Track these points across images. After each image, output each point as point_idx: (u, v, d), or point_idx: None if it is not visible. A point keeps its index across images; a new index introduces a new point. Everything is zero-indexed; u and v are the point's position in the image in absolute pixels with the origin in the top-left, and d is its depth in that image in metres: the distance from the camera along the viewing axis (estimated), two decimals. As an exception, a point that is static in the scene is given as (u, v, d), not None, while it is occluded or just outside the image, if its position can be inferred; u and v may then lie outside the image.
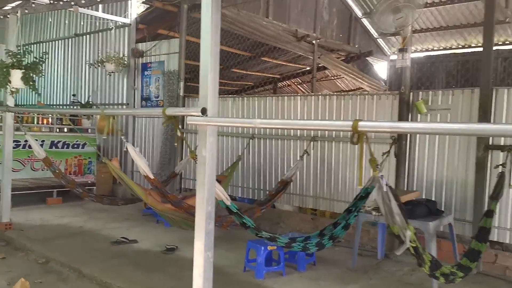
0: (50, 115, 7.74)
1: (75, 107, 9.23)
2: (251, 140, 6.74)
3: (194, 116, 3.11)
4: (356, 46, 12.30)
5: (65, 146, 7.88)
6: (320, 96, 6.40)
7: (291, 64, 12.85)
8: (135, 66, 8.75)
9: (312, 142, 6.14)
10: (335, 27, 11.58)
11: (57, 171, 6.01)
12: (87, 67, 9.55)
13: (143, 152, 8.68)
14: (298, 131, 6.39)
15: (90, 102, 8.65)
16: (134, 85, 8.79)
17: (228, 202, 3.62)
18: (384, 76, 13.67)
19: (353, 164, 5.97)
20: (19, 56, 4.89)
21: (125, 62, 8.38)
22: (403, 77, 5.61)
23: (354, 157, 5.94)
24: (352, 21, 12.11)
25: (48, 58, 10.46)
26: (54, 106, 10.24)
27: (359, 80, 12.47)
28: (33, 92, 5.33)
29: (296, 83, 15.03)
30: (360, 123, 2.43)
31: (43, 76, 5.37)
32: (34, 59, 5.03)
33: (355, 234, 4.93)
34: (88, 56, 9.71)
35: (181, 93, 7.94)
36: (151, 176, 4.58)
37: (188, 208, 5.19)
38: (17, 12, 5.57)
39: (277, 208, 6.76)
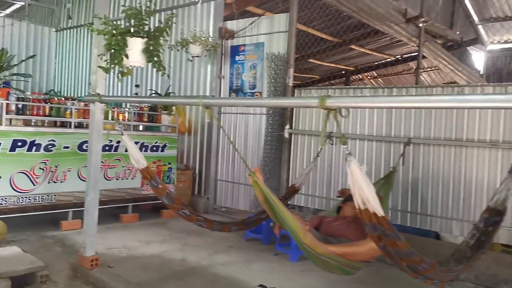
0: (128, 109, 6.06)
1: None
2: (406, 146, 4.97)
3: None
4: (458, 32, 10.46)
5: (143, 148, 6.21)
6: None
7: (376, 54, 11.08)
8: (222, 50, 7.04)
9: None
10: (440, 9, 9.75)
11: (160, 186, 4.34)
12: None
13: (230, 156, 6.99)
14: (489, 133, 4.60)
15: (172, 94, 6.99)
16: (221, 73, 7.09)
17: None
18: (479, 67, 11.82)
19: None
20: (138, 18, 3.17)
21: (217, 43, 6.66)
22: None
23: None
24: (456, 3, 10.26)
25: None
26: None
27: (458, 72, 10.61)
28: (119, 76, 3.56)
29: (369, 77, 13.26)
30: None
31: (163, 50, 3.64)
32: (159, 23, 3.34)
33: None
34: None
35: (290, 83, 6.21)
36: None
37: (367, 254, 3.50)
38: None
39: (444, 239, 5.00)
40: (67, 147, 5.50)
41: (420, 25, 8.84)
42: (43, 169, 5.30)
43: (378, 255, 3.51)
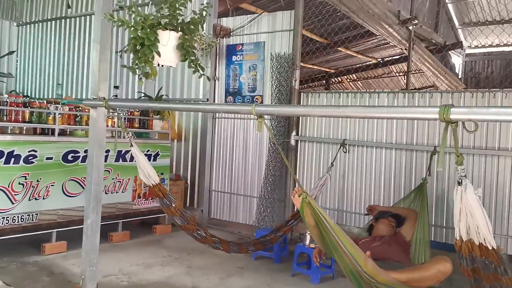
0: (116, 114, 5.36)
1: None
2: (433, 155, 4.62)
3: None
4: (441, 36, 10.40)
5: (134, 158, 5.53)
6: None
7: (360, 56, 10.83)
8: (217, 49, 6.48)
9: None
10: (427, 12, 9.63)
11: (173, 205, 3.75)
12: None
13: (227, 165, 6.44)
14: None
15: (165, 96, 6.34)
16: (215, 74, 6.52)
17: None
18: (458, 71, 11.87)
19: None
20: (173, 6, 2.58)
21: (213, 41, 6.08)
22: None
23: None
24: (440, 7, 10.19)
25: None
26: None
27: (440, 76, 10.56)
28: (142, 78, 2.97)
29: (349, 80, 13.04)
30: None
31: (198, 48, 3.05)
32: (193, 14, 2.76)
33: None
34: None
35: (297, 86, 5.75)
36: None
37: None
38: None
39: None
40: (50, 158, 4.76)
41: (411, 27, 8.65)
42: (22, 184, 4.55)
43: (444, 279, 3.12)
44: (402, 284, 3.02)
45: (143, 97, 6.49)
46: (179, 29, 2.70)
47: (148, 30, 2.51)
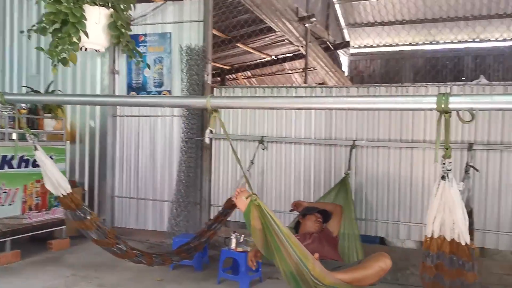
0: (15, 112, 4.45)
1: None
2: (352, 149, 4.67)
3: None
4: (331, 35, 10.85)
5: (23, 163, 4.69)
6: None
7: (257, 52, 10.79)
8: (116, 40, 5.84)
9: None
10: (319, 12, 9.94)
11: (88, 218, 3.19)
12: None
13: (132, 167, 5.87)
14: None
15: (57, 92, 5.48)
16: (114, 67, 5.88)
17: None
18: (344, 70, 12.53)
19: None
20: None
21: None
22: None
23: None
24: (330, 6, 10.63)
25: None
26: None
27: (331, 74, 11.05)
28: (56, 65, 2.42)
29: (243, 77, 12.97)
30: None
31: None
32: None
33: None
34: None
35: (209, 80, 5.43)
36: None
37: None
38: None
39: (391, 244, 4.85)
40: None
41: (307, 25, 8.84)
42: None
43: (384, 275, 3.09)
44: (347, 284, 2.94)
45: (30, 92, 5.58)
46: (110, 5, 2.21)
47: (72, 4, 1.99)
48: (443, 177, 1.89)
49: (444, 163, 1.78)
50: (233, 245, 4.34)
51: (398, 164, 4.69)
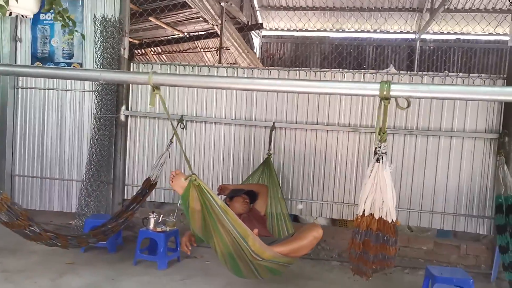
0: None
1: None
2: (272, 131, 4.79)
3: None
4: (245, 16, 10.88)
5: None
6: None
7: (170, 28, 10.44)
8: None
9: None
10: (234, -9, 9.87)
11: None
12: None
13: (36, 145, 5.43)
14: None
15: None
16: (16, 34, 5.33)
17: None
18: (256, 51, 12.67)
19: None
20: None
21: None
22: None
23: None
24: (245, -13, 10.62)
25: None
26: None
27: (243, 55, 11.14)
28: None
29: (153, 52, 12.48)
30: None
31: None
32: None
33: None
34: None
35: (126, 55, 5.17)
36: None
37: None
38: None
39: (304, 221, 5.09)
40: None
41: (223, 3, 8.78)
42: None
43: (316, 243, 3.28)
44: (284, 256, 3.09)
45: None
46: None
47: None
48: (377, 160, 2.04)
49: (379, 147, 1.91)
50: (151, 226, 4.25)
51: (313, 145, 4.91)
